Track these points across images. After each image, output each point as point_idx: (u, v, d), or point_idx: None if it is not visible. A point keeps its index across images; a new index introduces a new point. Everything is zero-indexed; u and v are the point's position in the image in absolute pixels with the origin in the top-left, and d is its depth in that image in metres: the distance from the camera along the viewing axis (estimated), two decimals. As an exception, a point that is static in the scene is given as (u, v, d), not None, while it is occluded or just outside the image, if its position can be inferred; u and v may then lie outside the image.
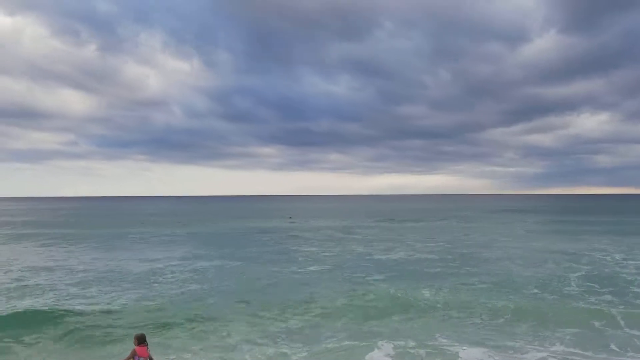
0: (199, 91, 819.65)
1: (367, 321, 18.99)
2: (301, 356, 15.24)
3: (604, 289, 24.18)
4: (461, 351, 15.43)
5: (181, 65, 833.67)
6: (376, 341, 16.34)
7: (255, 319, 19.20)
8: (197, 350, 15.90)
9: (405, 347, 15.80)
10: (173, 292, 24.40)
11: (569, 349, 15.78)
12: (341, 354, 15.44)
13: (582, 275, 28.11)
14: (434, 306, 21.02)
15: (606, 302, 21.56)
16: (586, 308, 20.34)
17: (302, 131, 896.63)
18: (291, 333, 17.57)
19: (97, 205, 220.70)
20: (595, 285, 25.07)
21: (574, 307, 20.63)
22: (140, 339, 11.60)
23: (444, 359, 14.90)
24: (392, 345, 15.85)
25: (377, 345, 15.87)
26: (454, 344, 16.18)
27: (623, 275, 28.07)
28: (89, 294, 23.84)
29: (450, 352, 15.36)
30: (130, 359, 11.41)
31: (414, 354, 15.24)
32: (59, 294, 23.96)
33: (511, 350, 15.68)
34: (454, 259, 35.27)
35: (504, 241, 47.56)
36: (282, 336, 17.20)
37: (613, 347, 15.90)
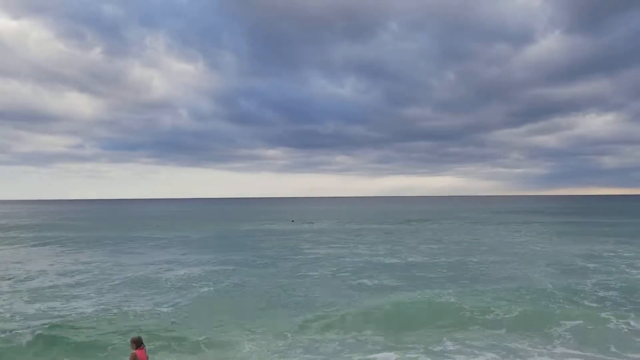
0: (204, 93, 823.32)
1: (371, 329, 18.53)
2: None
3: (617, 293, 23.60)
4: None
5: (186, 68, 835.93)
6: (381, 350, 16.07)
7: (256, 331, 18.81)
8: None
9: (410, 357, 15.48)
10: (166, 299, 24.08)
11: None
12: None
13: (594, 279, 27.51)
14: (442, 312, 20.53)
15: (620, 306, 21.05)
16: (606, 318, 19.34)
17: (308, 133, 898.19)
18: (295, 346, 17.19)
19: (104, 207, 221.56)
20: (613, 294, 23.99)
21: (588, 314, 20.00)
22: (138, 342, 11.40)
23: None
24: (396, 356, 15.51)
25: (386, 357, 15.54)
26: (466, 349, 15.88)
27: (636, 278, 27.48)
28: (91, 298, 23.61)
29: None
30: (131, 363, 11.18)
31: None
32: (59, 296, 23.76)
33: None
34: (461, 262, 34.79)
35: (513, 244, 47.04)
36: (289, 350, 16.81)
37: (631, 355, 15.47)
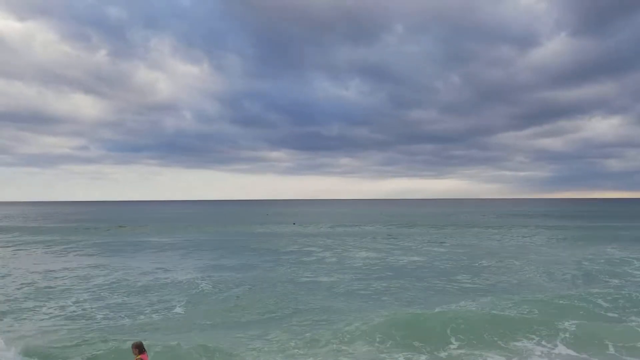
0: (209, 95, 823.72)
1: (378, 338, 18.22)
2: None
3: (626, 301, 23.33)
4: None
5: (191, 70, 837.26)
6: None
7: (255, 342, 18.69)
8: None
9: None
10: (166, 304, 23.99)
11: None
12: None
13: (605, 282, 27.30)
14: (453, 320, 20.12)
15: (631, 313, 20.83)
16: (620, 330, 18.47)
17: (312, 135, 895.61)
18: (299, 355, 16.93)
19: (108, 209, 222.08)
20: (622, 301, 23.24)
21: (597, 317, 19.81)
22: (141, 348, 11.31)
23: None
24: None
25: None
26: (474, 351, 15.71)
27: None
28: (91, 301, 23.65)
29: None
30: (136, 369, 11.10)
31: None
32: (56, 299, 23.78)
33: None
34: (468, 267, 34.61)
35: (520, 248, 46.76)
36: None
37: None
